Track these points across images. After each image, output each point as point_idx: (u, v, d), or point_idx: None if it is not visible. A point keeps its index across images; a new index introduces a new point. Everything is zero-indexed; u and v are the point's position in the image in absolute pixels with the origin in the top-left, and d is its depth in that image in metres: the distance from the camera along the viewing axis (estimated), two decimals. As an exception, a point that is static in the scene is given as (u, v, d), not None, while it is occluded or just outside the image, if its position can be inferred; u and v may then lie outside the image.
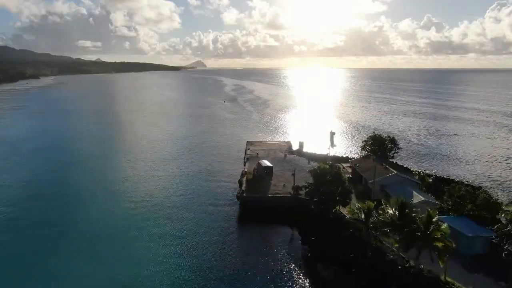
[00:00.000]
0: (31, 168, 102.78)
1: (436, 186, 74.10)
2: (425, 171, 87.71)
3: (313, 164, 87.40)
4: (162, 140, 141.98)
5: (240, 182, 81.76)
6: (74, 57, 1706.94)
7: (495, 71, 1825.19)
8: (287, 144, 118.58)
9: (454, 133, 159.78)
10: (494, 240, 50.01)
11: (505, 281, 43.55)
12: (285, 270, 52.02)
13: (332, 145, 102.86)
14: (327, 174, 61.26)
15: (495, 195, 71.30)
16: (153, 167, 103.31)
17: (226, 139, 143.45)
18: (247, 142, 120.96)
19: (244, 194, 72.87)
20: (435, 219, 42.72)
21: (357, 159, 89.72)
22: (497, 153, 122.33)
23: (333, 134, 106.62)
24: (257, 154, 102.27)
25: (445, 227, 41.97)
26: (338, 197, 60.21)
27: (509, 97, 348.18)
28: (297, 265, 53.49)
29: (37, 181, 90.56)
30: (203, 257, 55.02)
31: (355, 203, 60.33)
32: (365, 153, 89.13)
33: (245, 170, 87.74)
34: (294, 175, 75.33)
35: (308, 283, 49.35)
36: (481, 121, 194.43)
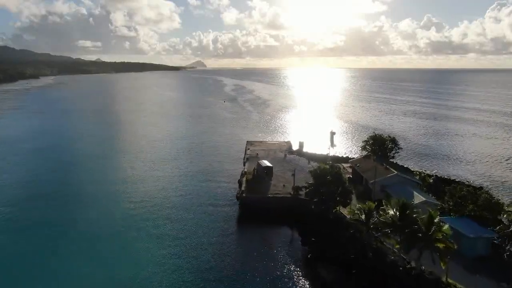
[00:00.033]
0: (31, 168, 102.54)
1: (437, 186, 73.65)
2: (426, 171, 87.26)
3: (313, 164, 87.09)
4: (161, 140, 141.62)
5: (239, 182, 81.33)
6: (74, 57, 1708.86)
7: (495, 71, 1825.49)
8: (287, 144, 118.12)
9: (454, 133, 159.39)
10: (496, 241, 49.56)
11: (507, 282, 43.12)
12: (285, 271, 51.61)
13: (332, 145, 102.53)
14: (327, 174, 60.94)
15: (496, 195, 70.75)
16: (152, 167, 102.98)
17: (226, 139, 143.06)
18: (247, 142, 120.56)
19: (243, 194, 72.44)
20: (436, 220, 42.29)
21: (357, 159, 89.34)
22: (497, 153, 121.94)
23: (333, 134, 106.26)
24: (257, 154, 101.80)
25: (446, 228, 41.54)
26: (338, 198, 59.89)
27: (509, 97, 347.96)
28: (297, 266, 53.07)
29: (37, 181, 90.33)
30: (202, 258, 54.66)
31: (355, 204, 59.93)
32: (366, 153, 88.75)
33: (245, 170, 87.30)
34: (294, 175, 74.99)
35: (308, 284, 48.96)
36: (482, 121, 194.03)
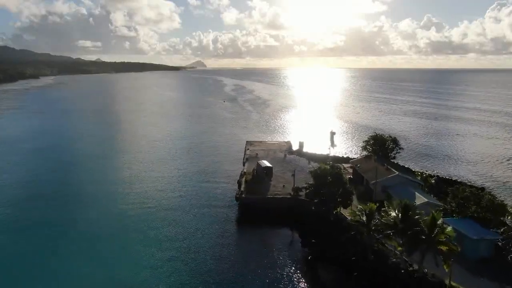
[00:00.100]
0: (31, 168, 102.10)
1: (438, 187, 72.89)
2: (427, 172, 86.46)
3: (314, 164, 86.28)
4: (161, 140, 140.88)
5: (239, 183, 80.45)
6: (74, 57, 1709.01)
7: (495, 71, 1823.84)
8: (287, 144, 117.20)
9: (455, 133, 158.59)
10: (499, 243, 48.70)
11: (511, 285, 42.28)
12: (285, 273, 50.79)
13: (332, 145, 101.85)
14: (327, 174, 60.23)
15: (499, 196, 69.88)
16: (152, 167, 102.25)
17: (225, 139, 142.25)
18: (247, 142, 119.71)
19: (243, 195, 71.61)
20: (439, 221, 41.42)
21: (358, 160, 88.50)
22: (499, 154, 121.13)
23: (333, 134, 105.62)
24: (257, 154, 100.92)
25: (450, 230, 40.69)
26: (339, 199, 59.15)
27: (509, 97, 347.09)
28: (297, 268, 52.26)
29: (37, 181, 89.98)
30: (201, 260, 53.83)
31: (356, 205, 59.09)
32: (366, 153, 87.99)
33: (244, 170, 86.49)
34: (294, 175, 74.25)
35: (308, 287, 48.15)
36: (482, 121, 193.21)
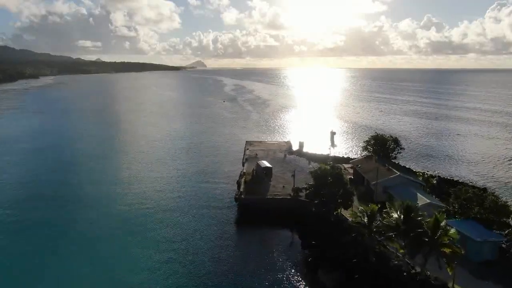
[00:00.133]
0: (31, 168, 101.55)
1: (440, 187, 72.00)
2: (429, 172, 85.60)
3: (314, 164, 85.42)
4: (161, 140, 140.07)
5: (238, 183, 79.60)
6: (74, 57, 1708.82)
7: (495, 71, 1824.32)
8: (287, 144, 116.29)
9: (456, 133, 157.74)
10: (503, 245, 47.79)
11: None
12: (285, 275, 49.92)
13: (333, 145, 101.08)
14: (328, 175, 59.41)
15: (502, 197, 68.88)
16: (151, 168, 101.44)
17: (225, 139, 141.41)
18: (246, 142, 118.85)
19: (242, 195, 70.75)
20: (443, 223, 40.50)
21: (358, 160, 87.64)
22: (500, 154, 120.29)
23: (333, 134, 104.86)
24: (256, 154, 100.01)
25: (453, 232, 39.77)
26: (339, 199, 58.31)
27: (509, 97, 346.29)
28: (297, 270, 51.39)
29: (36, 181, 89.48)
30: (199, 262, 52.97)
31: (357, 206, 58.21)
32: (367, 153, 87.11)
33: (244, 171, 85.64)
34: (294, 176, 73.46)
35: (308, 289, 47.25)
36: (483, 121, 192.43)
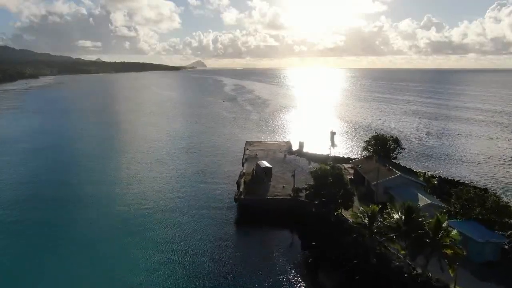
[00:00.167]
0: (31, 168, 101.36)
1: (441, 188, 71.53)
2: (429, 172, 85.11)
3: (314, 165, 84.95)
4: (160, 140, 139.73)
5: (238, 183, 79.19)
6: (74, 57, 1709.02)
7: (495, 71, 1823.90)
8: (287, 144, 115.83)
9: (456, 133, 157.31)
10: (506, 246, 47.35)
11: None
12: (285, 276, 49.54)
13: (333, 145, 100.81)
14: (328, 175, 59.00)
15: (503, 197, 68.44)
16: (150, 168, 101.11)
17: (224, 139, 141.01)
18: (246, 142, 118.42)
19: (242, 196, 70.34)
20: (444, 224, 40.07)
21: (359, 160, 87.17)
22: (501, 154, 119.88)
23: (334, 134, 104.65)
24: (256, 154, 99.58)
25: (455, 233, 39.34)
26: (339, 200, 57.85)
27: (510, 97, 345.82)
28: (297, 271, 51.01)
29: (36, 181, 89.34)
30: (199, 263, 52.60)
31: (357, 206, 57.80)
32: (367, 153, 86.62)
33: (244, 171, 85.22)
34: (294, 176, 73.07)
35: (308, 291, 46.86)
36: (483, 121, 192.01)
